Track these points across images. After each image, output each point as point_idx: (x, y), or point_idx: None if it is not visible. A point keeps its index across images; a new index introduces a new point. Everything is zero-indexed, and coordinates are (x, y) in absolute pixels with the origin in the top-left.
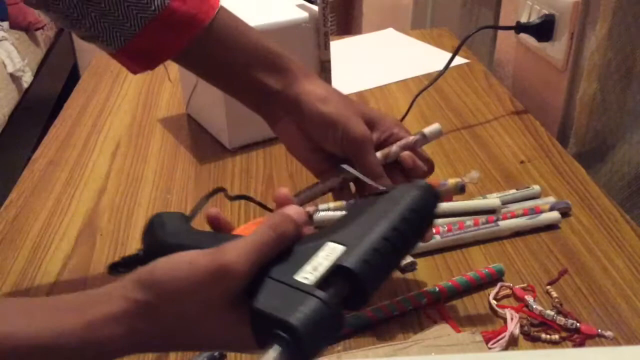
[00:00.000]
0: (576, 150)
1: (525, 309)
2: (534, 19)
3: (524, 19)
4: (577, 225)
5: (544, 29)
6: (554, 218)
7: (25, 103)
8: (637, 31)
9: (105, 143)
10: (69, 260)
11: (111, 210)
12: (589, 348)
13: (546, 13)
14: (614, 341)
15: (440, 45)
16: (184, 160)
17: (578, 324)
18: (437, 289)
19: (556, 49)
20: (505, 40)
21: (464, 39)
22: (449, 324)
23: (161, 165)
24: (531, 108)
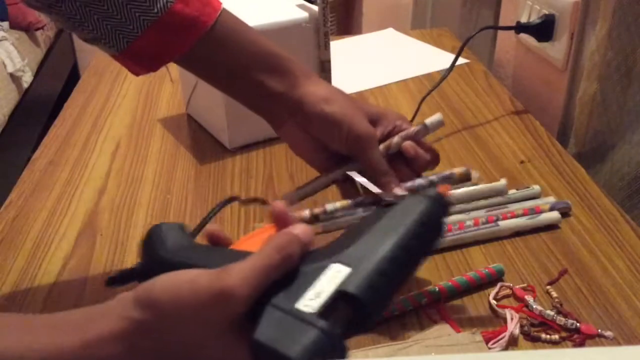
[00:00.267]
0: (576, 150)
1: (525, 309)
2: (534, 19)
3: (524, 19)
4: (577, 225)
5: (544, 29)
6: (554, 218)
7: (25, 103)
8: (637, 31)
9: (105, 143)
10: (69, 260)
11: (111, 210)
12: (589, 348)
13: (546, 13)
14: (614, 341)
15: (440, 45)
16: (184, 160)
17: (578, 324)
18: (437, 289)
19: (556, 49)
20: (505, 40)
21: (466, 40)
22: (449, 324)
23: (161, 165)
24: (531, 108)
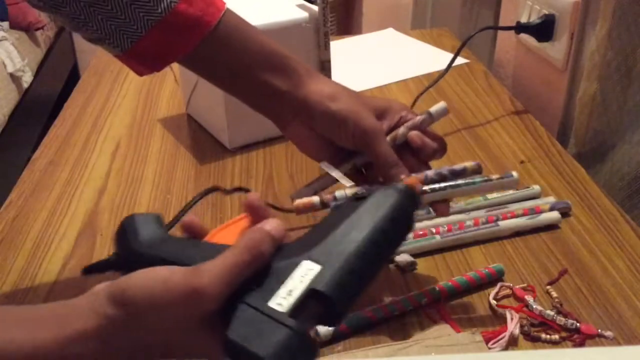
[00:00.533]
0: (576, 150)
1: (525, 309)
2: (534, 19)
3: (524, 19)
4: (577, 225)
5: (544, 29)
6: (554, 218)
7: (25, 103)
8: (637, 31)
9: (105, 143)
10: (69, 260)
11: (111, 210)
12: (589, 348)
13: (546, 13)
14: (614, 341)
15: (440, 45)
16: (184, 160)
17: (578, 324)
18: (437, 289)
19: (556, 49)
20: (505, 40)
21: (465, 40)
22: (449, 324)
23: (161, 165)
24: (531, 108)
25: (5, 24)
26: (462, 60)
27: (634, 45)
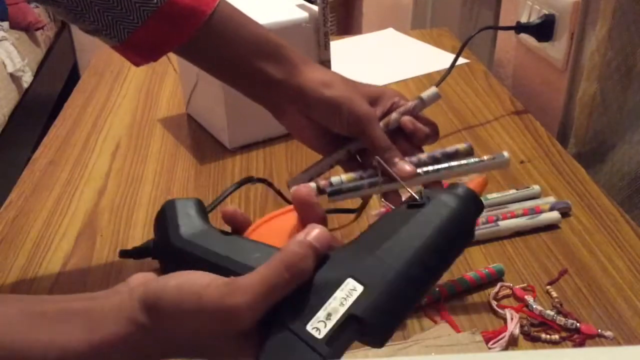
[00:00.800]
0: (576, 150)
1: (525, 309)
2: (534, 19)
3: (524, 19)
4: (577, 225)
5: (544, 29)
6: (554, 218)
7: (25, 103)
8: (637, 31)
9: (105, 143)
10: (69, 260)
11: (111, 210)
12: (589, 348)
13: (546, 13)
14: (614, 341)
15: (440, 45)
16: (184, 160)
17: (578, 324)
18: (437, 289)
19: (556, 49)
20: (506, 40)
21: (466, 40)
22: (449, 324)
23: (161, 165)
24: (531, 108)
25: (5, 24)
26: (462, 60)
27: (634, 45)
